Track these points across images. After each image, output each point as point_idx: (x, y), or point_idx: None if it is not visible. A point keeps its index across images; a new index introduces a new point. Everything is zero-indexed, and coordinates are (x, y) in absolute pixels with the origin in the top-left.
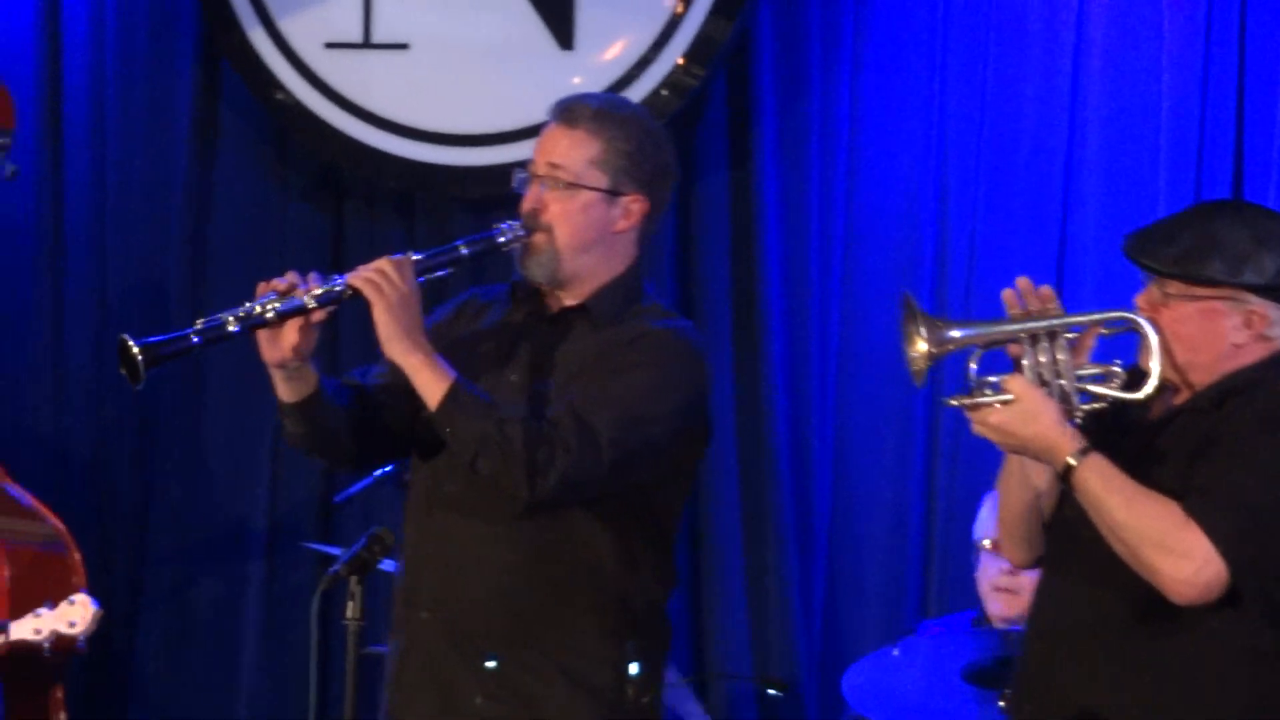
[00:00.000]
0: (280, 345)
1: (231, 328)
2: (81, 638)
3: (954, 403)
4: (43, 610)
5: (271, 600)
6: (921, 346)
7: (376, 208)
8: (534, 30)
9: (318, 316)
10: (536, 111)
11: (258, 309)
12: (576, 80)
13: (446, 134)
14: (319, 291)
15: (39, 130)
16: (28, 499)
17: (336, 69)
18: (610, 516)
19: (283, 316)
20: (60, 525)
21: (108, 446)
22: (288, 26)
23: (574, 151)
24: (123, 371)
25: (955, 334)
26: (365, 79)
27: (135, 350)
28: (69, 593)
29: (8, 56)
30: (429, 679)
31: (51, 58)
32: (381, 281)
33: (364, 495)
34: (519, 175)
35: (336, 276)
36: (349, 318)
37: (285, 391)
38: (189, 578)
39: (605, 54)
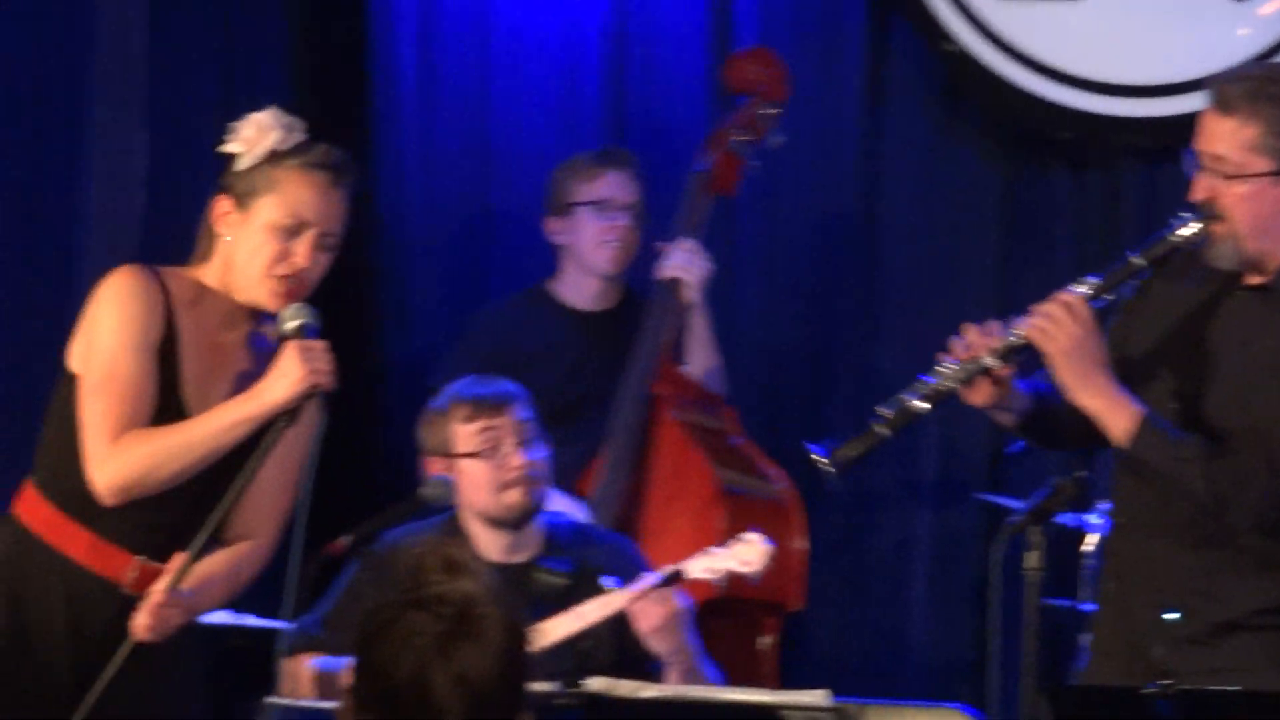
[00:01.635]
0: (974, 399)
1: (921, 407)
2: (755, 577)
3: None
4: (716, 549)
5: (941, 550)
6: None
7: (1046, 158)
8: None
9: (1003, 372)
10: (1207, 63)
11: (941, 385)
12: (1243, 32)
13: (1116, 84)
14: (997, 346)
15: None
16: (753, 452)
17: (1007, 20)
18: None
19: (967, 384)
20: (786, 481)
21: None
22: None
23: (1233, 139)
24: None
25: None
26: (1035, 29)
27: (825, 463)
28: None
29: (681, 14)
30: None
31: (722, 10)
32: (1054, 330)
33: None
34: (1188, 159)
35: (1012, 320)
36: None
37: (998, 418)
38: (860, 526)
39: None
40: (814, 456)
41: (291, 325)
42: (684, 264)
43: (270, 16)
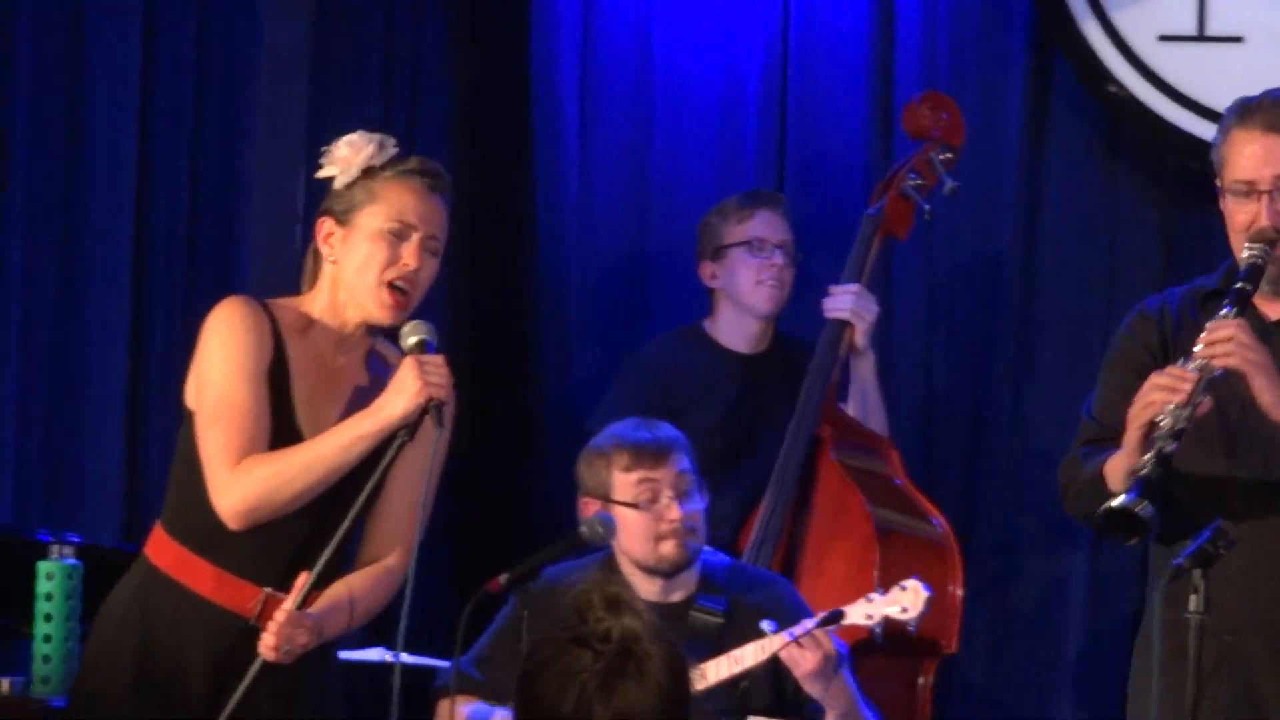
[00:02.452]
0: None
1: (1168, 449)
2: (913, 624)
3: None
4: (875, 595)
5: (1095, 592)
6: None
7: (1206, 201)
8: None
9: (1205, 407)
10: None
11: (1175, 425)
12: None
13: None
14: (1197, 380)
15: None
16: (913, 494)
17: (1170, 61)
18: None
19: (1191, 419)
20: (945, 524)
21: (934, 440)
22: (1120, 19)
23: None
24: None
25: None
26: (1199, 72)
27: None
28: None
29: (841, 57)
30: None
31: (883, 54)
32: (1249, 353)
33: None
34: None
35: (1184, 361)
36: None
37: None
38: (1013, 567)
39: None
40: (1126, 505)
41: (411, 340)
42: (854, 307)
43: (431, 60)
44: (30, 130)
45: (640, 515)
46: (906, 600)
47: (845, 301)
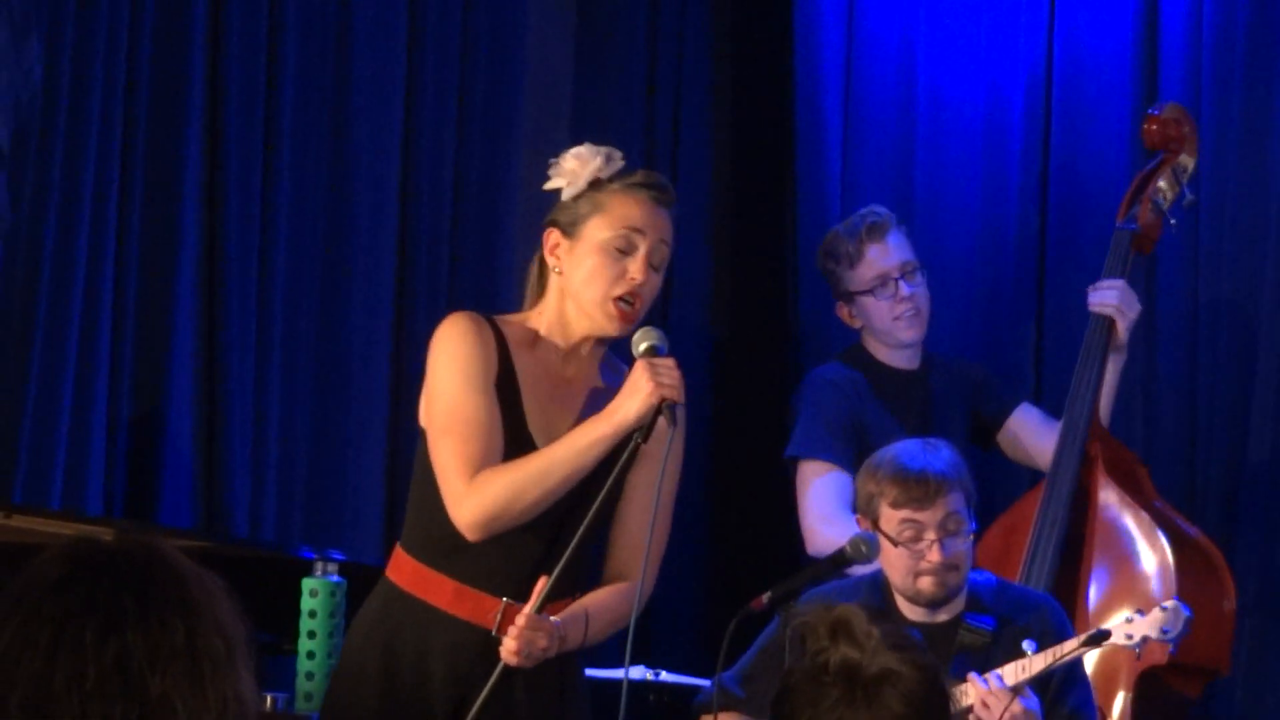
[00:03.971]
0: None
1: None
2: (1173, 644)
3: None
4: (1135, 616)
5: None
6: None
7: None
8: None
9: None
10: None
11: None
12: None
13: None
14: None
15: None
16: (1174, 513)
17: None
18: None
19: None
20: (1211, 545)
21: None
22: None
23: None
24: None
25: None
26: None
27: None
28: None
29: (1105, 77)
30: None
31: (1148, 73)
32: None
33: None
34: None
35: None
36: None
37: None
38: (1275, 592)
39: None
40: None
41: (642, 346)
42: (1119, 302)
43: (697, 80)
44: (294, 149)
45: (901, 550)
46: (1167, 620)
47: (1111, 296)
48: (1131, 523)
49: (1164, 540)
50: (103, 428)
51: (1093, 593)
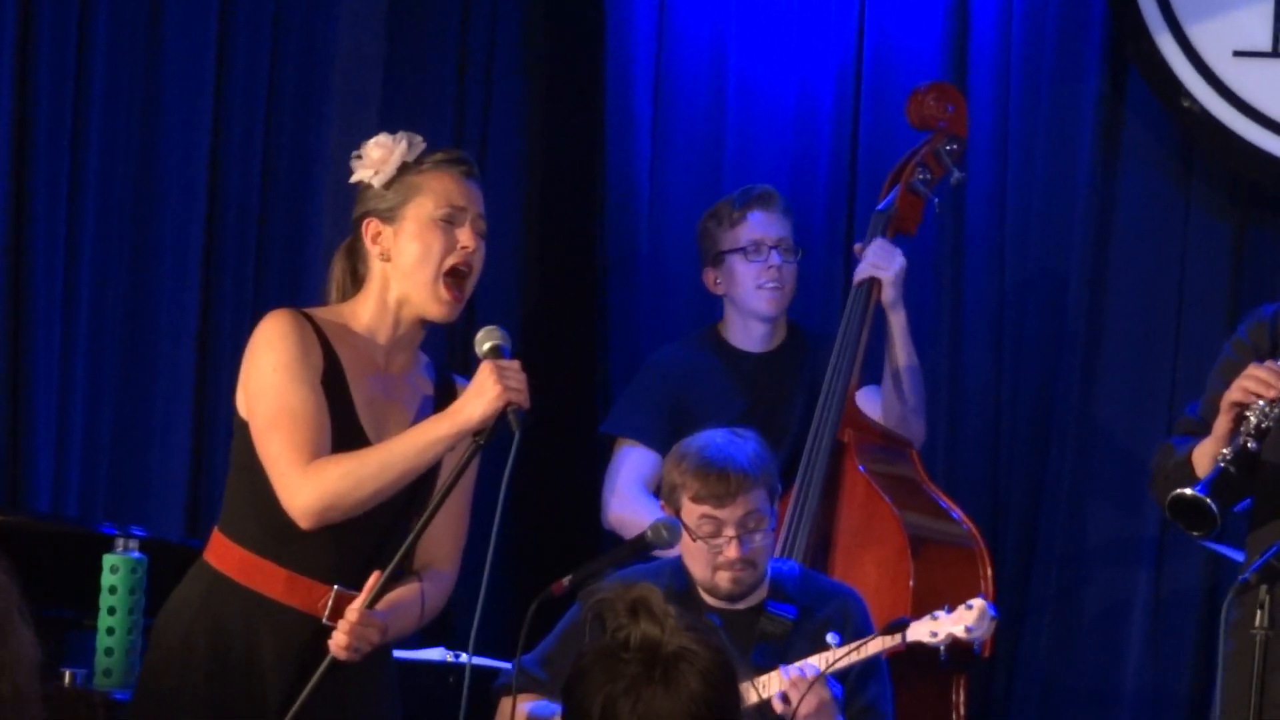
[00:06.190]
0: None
1: (1250, 445)
2: (977, 643)
3: None
4: (940, 614)
5: (1160, 606)
6: None
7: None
8: None
9: None
10: None
11: (1263, 424)
12: None
13: None
14: None
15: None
16: (943, 500)
17: (1244, 77)
18: None
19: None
20: (970, 524)
21: (999, 453)
22: (1196, 34)
23: None
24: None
25: None
26: (1273, 88)
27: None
28: (970, 595)
29: (915, 71)
30: None
31: (957, 68)
32: None
33: None
34: None
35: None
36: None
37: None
38: (1078, 579)
39: None
40: (1196, 495)
41: (486, 346)
42: (877, 261)
43: (507, 66)
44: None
45: (700, 544)
46: (971, 619)
47: (868, 257)
48: (878, 512)
49: (908, 533)
50: None
51: (844, 577)
